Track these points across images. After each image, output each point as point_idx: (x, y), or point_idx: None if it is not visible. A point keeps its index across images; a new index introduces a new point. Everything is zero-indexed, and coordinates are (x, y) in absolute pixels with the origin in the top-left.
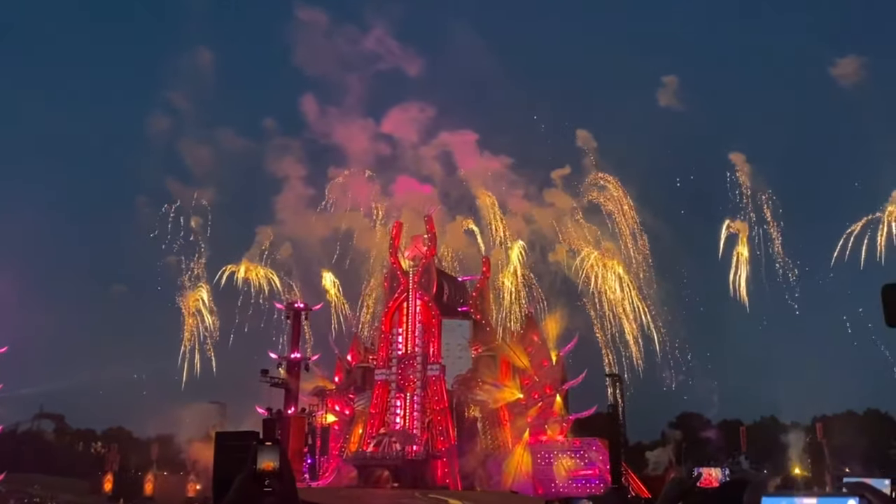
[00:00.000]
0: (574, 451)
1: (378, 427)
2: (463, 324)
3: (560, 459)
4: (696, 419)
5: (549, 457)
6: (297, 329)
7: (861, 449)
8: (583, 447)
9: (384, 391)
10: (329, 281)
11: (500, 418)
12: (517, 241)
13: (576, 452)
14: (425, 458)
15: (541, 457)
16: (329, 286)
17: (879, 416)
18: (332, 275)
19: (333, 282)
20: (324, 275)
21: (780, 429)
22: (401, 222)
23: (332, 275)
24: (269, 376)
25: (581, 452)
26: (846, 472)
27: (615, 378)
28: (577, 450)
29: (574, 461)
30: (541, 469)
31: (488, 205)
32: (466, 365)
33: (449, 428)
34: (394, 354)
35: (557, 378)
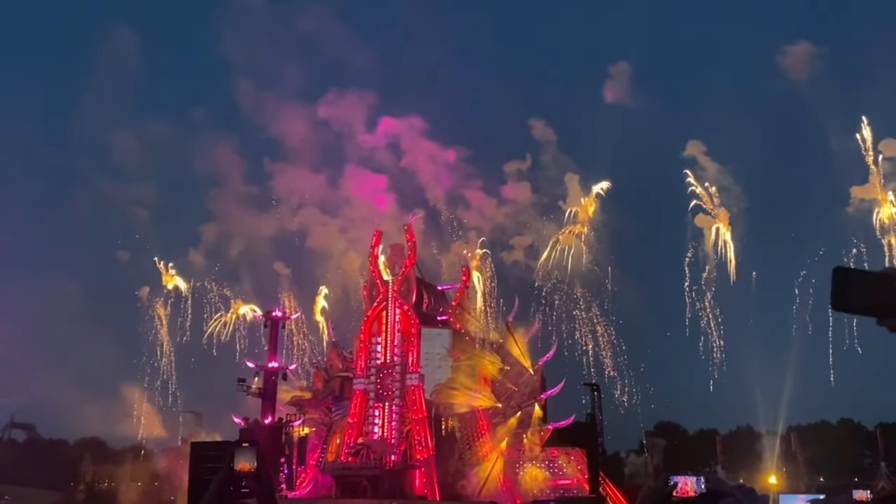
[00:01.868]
0: (551, 461)
1: (356, 437)
2: (442, 333)
3: (537, 469)
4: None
5: (525, 467)
6: (275, 338)
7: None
8: (561, 457)
9: (363, 400)
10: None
11: (478, 428)
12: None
13: (553, 462)
14: (403, 467)
15: (518, 466)
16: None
17: (853, 425)
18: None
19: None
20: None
21: (756, 438)
22: (380, 231)
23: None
24: (247, 385)
25: (559, 462)
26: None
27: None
28: (555, 459)
29: (551, 471)
30: (518, 479)
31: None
32: (446, 374)
33: (427, 437)
34: (372, 363)
35: (536, 387)
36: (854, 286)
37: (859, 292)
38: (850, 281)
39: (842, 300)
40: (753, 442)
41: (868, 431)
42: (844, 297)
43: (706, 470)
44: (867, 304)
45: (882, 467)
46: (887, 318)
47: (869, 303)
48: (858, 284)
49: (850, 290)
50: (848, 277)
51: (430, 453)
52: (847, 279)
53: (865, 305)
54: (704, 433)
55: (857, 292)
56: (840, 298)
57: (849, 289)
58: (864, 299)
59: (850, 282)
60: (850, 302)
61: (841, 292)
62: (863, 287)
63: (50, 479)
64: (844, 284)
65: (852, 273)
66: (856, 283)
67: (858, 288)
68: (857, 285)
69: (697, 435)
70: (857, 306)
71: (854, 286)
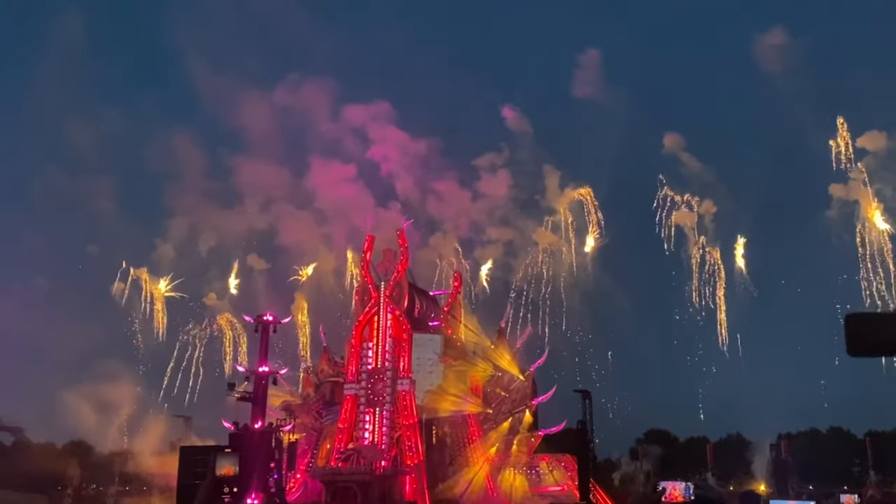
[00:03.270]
0: (536, 468)
1: (346, 442)
2: (434, 338)
3: (522, 476)
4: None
5: (512, 473)
6: (266, 342)
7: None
8: (549, 463)
9: (353, 406)
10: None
11: (469, 434)
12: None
13: (538, 469)
14: (394, 473)
15: (505, 472)
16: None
17: (842, 433)
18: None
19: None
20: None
21: (746, 446)
22: (373, 236)
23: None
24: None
25: (546, 468)
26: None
27: (585, 394)
28: (541, 466)
29: (539, 478)
30: (505, 485)
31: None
32: (437, 380)
33: (418, 443)
34: (364, 369)
35: (527, 393)
36: (867, 330)
37: (873, 335)
38: (862, 326)
39: (857, 346)
40: (744, 449)
41: (857, 440)
42: (860, 343)
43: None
44: (882, 346)
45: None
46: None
47: (884, 344)
48: (871, 328)
49: (863, 335)
50: (860, 323)
51: (420, 459)
52: (860, 324)
53: (880, 347)
54: (695, 441)
55: (871, 336)
56: (855, 344)
57: (862, 334)
58: (879, 341)
59: (863, 327)
60: (865, 346)
61: (856, 338)
62: (875, 330)
63: (37, 482)
64: (858, 330)
65: (864, 317)
66: (868, 326)
67: (871, 331)
68: (869, 329)
69: (688, 442)
70: (872, 349)
71: (867, 330)
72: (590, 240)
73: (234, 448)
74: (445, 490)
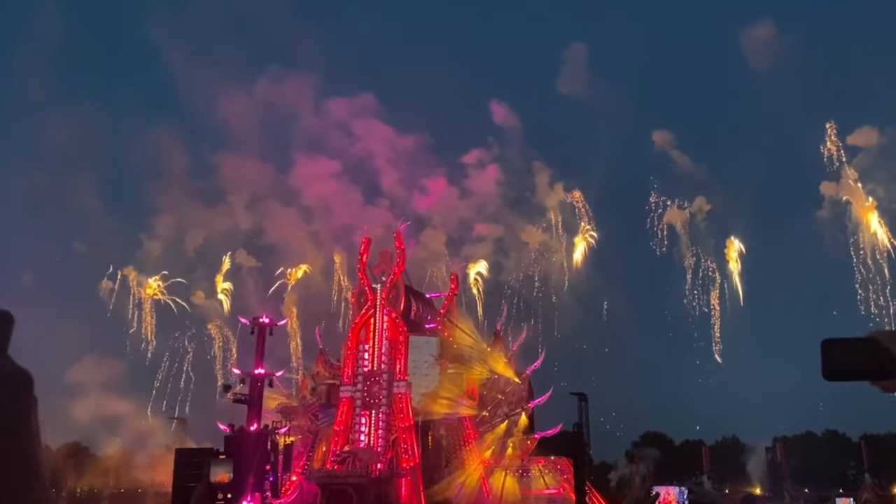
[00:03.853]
0: (538, 470)
1: (342, 444)
2: (430, 340)
3: (516, 479)
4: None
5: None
6: (262, 344)
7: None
8: (541, 466)
9: (349, 408)
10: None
11: (465, 437)
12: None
13: (540, 471)
14: (389, 476)
15: (503, 475)
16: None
17: (837, 436)
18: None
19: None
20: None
21: (742, 449)
22: (369, 238)
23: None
24: (232, 392)
25: (546, 471)
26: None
27: (581, 396)
28: (542, 469)
29: (537, 480)
30: (499, 488)
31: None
32: (433, 382)
33: (414, 446)
34: (360, 371)
35: (524, 396)
36: (841, 356)
37: (847, 361)
38: (836, 352)
39: (831, 371)
40: (739, 453)
41: (853, 443)
42: (834, 369)
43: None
44: (857, 371)
45: (866, 478)
46: (878, 380)
47: (858, 370)
48: (844, 355)
49: (837, 361)
50: (834, 349)
51: (416, 461)
52: (833, 350)
53: (855, 373)
54: (691, 444)
55: (845, 362)
56: (830, 370)
57: (836, 359)
58: (853, 367)
59: (837, 352)
60: (839, 372)
61: (830, 364)
62: (849, 355)
63: None
64: (832, 356)
65: (838, 344)
66: (842, 352)
67: (845, 357)
68: (843, 355)
69: (684, 445)
70: (847, 375)
71: (841, 356)
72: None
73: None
74: (440, 492)
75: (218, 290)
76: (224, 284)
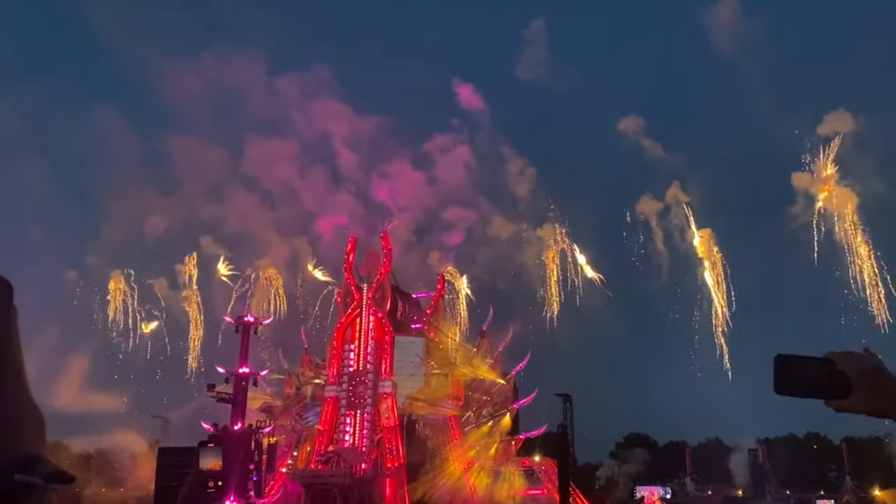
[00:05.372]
0: (522, 471)
1: (327, 444)
2: (416, 341)
3: (506, 479)
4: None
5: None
6: (246, 343)
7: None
8: (532, 467)
9: (334, 408)
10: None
11: (450, 437)
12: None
13: (524, 472)
14: (374, 476)
15: (486, 475)
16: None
17: (819, 439)
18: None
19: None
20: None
21: (725, 451)
22: (355, 237)
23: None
24: (216, 391)
25: (530, 472)
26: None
27: (566, 397)
28: (526, 469)
29: (521, 481)
30: (487, 489)
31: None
32: (419, 382)
33: (399, 446)
34: (345, 371)
35: (509, 397)
36: (794, 373)
37: (799, 378)
38: (789, 368)
39: (782, 387)
40: (722, 455)
41: (834, 445)
42: (785, 384)
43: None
44: (808, 390)
45: (847, 480)
46: (830, 399)
47: (810, 387)
48: (798, 371)
49: (789, 377)
50: (786, 365)
51: (400, 462)
52: (785, 366)
53: (807, 390)
54: (674, 445)
55: (797, 378)
56: (781, 385)
57: (788, 376)
58: (805, 384)
59: (790, 369)
60: (790, 388)
61: (780, 380)
62: (802, 373)
63: None
64: (783, 372)
65: (791, 360)
66: (795, 369)
67: (798, 374)
68: (796, 372)
69: (667, 447)
70: (798, 391)
71: (794, 373)
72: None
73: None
74: (424, 493)
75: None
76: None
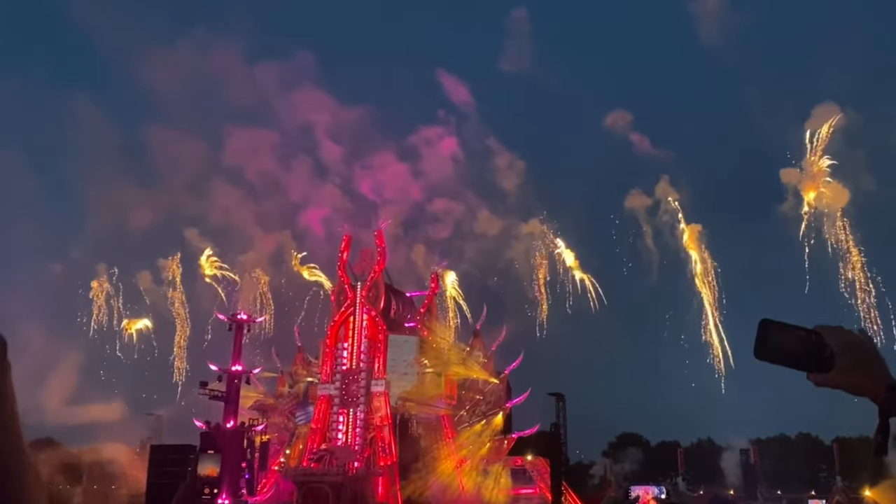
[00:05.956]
0: (515, 471)
1: (319, 442)
2: (410, 339)
3: (499, 478)
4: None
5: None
6: (239, 341)
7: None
8: (524, 466)
9: (327, 406)
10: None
11: (443, 436)
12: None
13: (517, 471)
14: (366, 474)
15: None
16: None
17: (810, 439)
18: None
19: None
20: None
21: (717, 451)
22: (349, 236)
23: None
24: (209, 388)
25: (522, 471)
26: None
27: (558, 397)
28: (518, 468)
29: (513, 480)
30: (479, 488)
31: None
32: (412, 381)
33: (392, 444)
34: (338, 369)
35: (502, 396)
36: (777, 339)
37: (781, 345)
38: (773, 334)
39: (763, 352)
40: (714, 455)
41: (825, 446)
42: (766, 350)
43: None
44: (789, 358)
45: (838, 481)
46: (812, 373)
47: (790, 357)
48: (781, 337)
49: (772, 343)
50: (770, 331)
51: (393, 460)
52: (769, 332)
53: (786, 359)
54: (666, 445)
55: (779, 345)
56: (762, 350)
57: (771, 342)
58: (785, 353)
59: (774, 335)
60: (771, 354)
61: (762, 344)
62: (785, 341)
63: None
64: (766, 337)
65: (776, 326)
66: (779, 335)
67: (781, 341)
68: (779, 338)
69: (660, 447)
70: (778, 359)
71: (777, 339)
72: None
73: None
74: (416, 491)
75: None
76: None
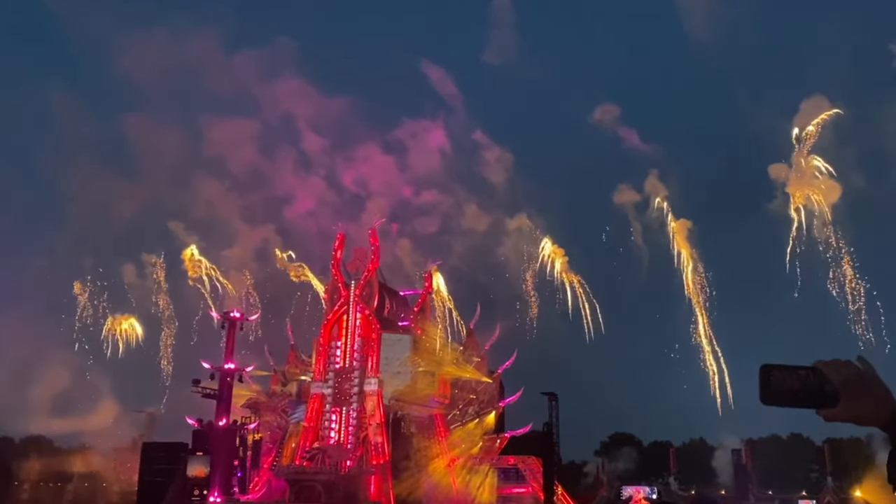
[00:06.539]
0: (507, 470)
1: (312, 441)
2: (403, 338)
3: (491, 477)
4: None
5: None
6: (232, 339)
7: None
8: (517, 465)
9: (320, 405)
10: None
11: (436, 435)
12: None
13: (509, 471)
14: (359, 473)
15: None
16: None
17: (802, 440)
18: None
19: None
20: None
21: (709, 451)
22: (343, 234)
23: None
24: (202, 386)
25: (514, 470)
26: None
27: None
28: (511, 468)
29: (506, 479)
30: (469, 486)
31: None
32: (405, 380)
33: (384, 443)
34: (331, 368)
35: (495, 395)
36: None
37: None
38: (775, 378)
39: (769, 397)
40: (706, 455)
41: (816, 446)
42: (771, 395)
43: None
44: (795, 400)
45: (828, 481)
46: (820, 409)
47: (796, 398)
48: (785, 381)
49: (775, 387)
50: (772, 375)
51: (386, 459)
52: (771, 377)
53: (793, 400)
54: (659, 445)
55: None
56: (767, 395)
57: (774, 386)
58: (791, 395)
59: (776, 379)
60: (777, 398)
61: (767, 390)
62: (788, 383)
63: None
64: (769, 381)
65: (777, 370)
66: (782, 380)
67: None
68: (783, 383)
69: (652, 447)
70: (785, 402)
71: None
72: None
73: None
74: (408, 490)
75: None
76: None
